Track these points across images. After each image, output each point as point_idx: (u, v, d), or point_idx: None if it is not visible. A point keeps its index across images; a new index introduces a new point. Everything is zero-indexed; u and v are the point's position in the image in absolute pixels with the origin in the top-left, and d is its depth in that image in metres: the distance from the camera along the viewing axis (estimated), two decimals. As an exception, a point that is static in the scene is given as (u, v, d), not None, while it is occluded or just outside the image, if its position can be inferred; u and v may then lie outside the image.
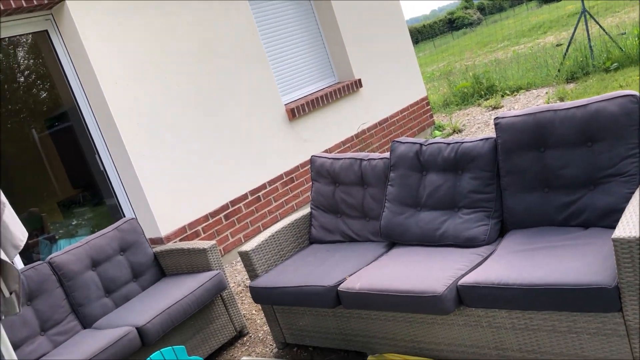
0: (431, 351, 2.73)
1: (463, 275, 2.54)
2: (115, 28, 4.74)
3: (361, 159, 3.44)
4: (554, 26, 22.91)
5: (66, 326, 3.49)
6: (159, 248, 3.94)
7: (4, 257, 2.58)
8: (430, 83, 14.53)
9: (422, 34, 61.92)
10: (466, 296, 2.45)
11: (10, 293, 2.60)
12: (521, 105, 7.75)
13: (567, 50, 8.62)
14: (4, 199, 2.49)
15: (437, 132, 7.78)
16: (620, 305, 2.06)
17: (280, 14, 6.45)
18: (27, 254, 5.04)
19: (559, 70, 8.37)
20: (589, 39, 8.37)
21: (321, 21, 6.88)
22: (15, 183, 5.17)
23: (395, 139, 3.27)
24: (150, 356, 2.85)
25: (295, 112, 6.06)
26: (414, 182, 3.13)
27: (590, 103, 2.56)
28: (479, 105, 8.62)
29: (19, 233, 2.64)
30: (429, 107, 8.06)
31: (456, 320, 2.57)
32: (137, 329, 3.18)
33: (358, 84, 6.88)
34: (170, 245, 3.87)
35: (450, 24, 62.50)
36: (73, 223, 5.22)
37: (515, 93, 8.61)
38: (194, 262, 3.74)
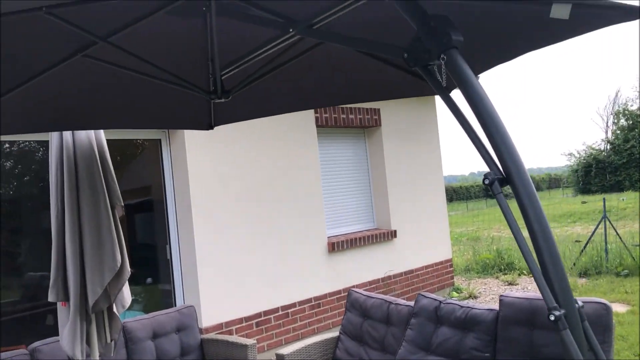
0: None
1: (454, 412, 3.24)
2: (215, 152, 5.87)
3: (390, 302, 4.25)
4: (584, 218, 23.84)
5: (120, 382, 4.19)
6: (206, 336, 4.69)
7: (116, 311, 3.42)
8: (457, 245, 15.35)
9: (457, 193, 63.82)
10: None
11: (111, 340, 3.40)
12: (534, 288, 8.48)
13: (584, 248, 9.47)
14: (128, 267, 3.38)
15: (454, 294, 8.50)
16: None
17: (341, 155, 7.59)
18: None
19: (574, 264, 9.17)
20: (606, 242, 9.24)
21: (372, 172, 7.99)
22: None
23: (421, 293, 4.10)
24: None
25: (335, 247, 6.96)
26: (429, 331, 3.91)
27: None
28: (497, 278, 9.38)
29: (127, 296, 3.51)
30: (451, 269, 8.86)
31: None
32: (183, 396, 3.88)
33: (393, 234, 7.81)
34: (217, 336, 4.63)
35: (486, 191, 64.48)
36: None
37: (532, 275, 9.37)
38: (233, 354, 4.47)
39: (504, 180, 1.40)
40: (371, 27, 2.00)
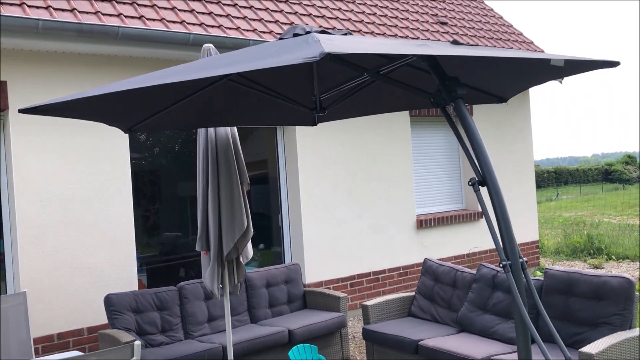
0: (465, 400, 4.26)
1: (497, 355, 4.10)
2: (320, 138, 6.96)
3: (456, 270, 5.13)
4: None
5: (241, 318, 5.44)
6: (308, 288, 5.84)
7: (242, 261, 4.61)
8: (558, 230, 15.25)
9: (573, 176, 60.76)
10: (494, 367, 4.01)
11: (237, 282, 4.60)
12: (619, 272, 8.82)
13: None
14: (252, 229, 4.53)
15: (538, 273, 9.06)
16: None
17: (433, 141, 8.40)
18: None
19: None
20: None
21: (463, 158, 8.72)
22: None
23: (482, 263, 4.93)
24: (297, 345, 4.68)
25: (423, 224, 7.84)
26: (487, 294, 4.75)
27: (604, 275, 4.08)
28: (585, 261, 9.76)
29: (250, 251, 4.68)
30: (537, 249, 9.40)
31: (484, 381, 4.11)
32: (289, 330, 5.05)
33: (480, 215, 8.52)
34: (316, 289, 5.76)
35: (606, 175, 60.82)
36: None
37: (621, 260, 9.65)
38: (329, 303, 5.57)
39: (482, 182, 2.29)
40: (408, 74, 2.92)
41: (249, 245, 4.67)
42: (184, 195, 7.22)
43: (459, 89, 2.38)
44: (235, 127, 4.61)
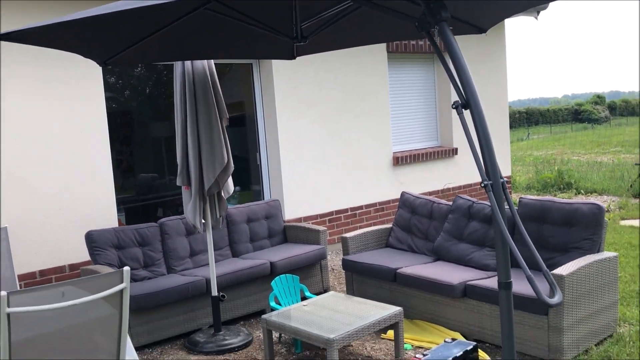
0: (443, 323, 4.46)
1: (473, 280, 4.27)
2: (297, 75, 6.89)
3: (433, 202, 5.25)
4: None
5: (223, 252, 5.52)
6: (288, 223, 5.92)
7: (223, 195, 4.64)
8: (529, 167, 15.74)
9: (544, 117, 61.64)
10: (470, 291, 4.18)
11: (219, 216, 4.65)
12: (587, 205, 9.13)
13: (643, 170, 9.87)
14: (232, 164, 4.54)
15: (510, 207, 9.32)
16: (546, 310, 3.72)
17: (409, 78, 8.40)
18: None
19: (631, 186, 9.66)
20: (666, 166, 9.60)
21: (439, 95, 8.76)
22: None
23: (458, 195, 5.06)
24: (279, 276, 4.79)
25: (399, 161, 7.94)
26: (462, 224, 4.89)
27: (575, 202, 4.23)
28: (554, 195, 10.05)
29: (231, 186, 4.71)
30: (509, 184, 9.62)
31: (460, 305, 4.29)
32: (271, 263, 5.15)
33: (455, 151, 8.65)
34: (296, 223, 5.84)
35: (575, 115, 61.90)
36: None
37: (589, 194, 9.97)
38: (309, 237, 5.68)
39: (465, 105, 2.33)
40: (390, 4, 2.90)
41: (230, 180, 4.70)
42: (157, 136, 7.14)
43: (444, 11, 2.38)
44: (212, 61, 4.54)
